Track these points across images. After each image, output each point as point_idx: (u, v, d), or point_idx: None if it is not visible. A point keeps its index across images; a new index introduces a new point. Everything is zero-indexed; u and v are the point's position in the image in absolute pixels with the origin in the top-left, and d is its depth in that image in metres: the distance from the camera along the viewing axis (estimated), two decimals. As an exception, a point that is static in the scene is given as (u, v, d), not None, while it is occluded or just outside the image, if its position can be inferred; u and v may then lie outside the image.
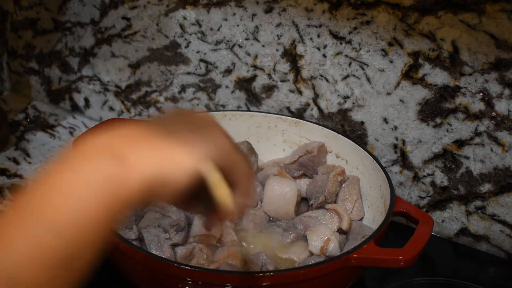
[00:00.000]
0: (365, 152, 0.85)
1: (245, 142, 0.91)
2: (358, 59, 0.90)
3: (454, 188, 0.89)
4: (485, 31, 0.79)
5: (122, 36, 1.13)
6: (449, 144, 0.87)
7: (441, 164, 0.89)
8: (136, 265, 0.65)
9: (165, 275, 0.62)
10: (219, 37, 1.02)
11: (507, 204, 0.85)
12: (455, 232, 0.92)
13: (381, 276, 0.82)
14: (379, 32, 0.87)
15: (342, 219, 0.78)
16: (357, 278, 0.72)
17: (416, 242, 0.66)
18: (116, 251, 0.66)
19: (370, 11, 0.86)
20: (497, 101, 0.81)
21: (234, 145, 0.49)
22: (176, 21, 1.05)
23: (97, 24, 1.15)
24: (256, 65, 1.01)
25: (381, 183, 0.80)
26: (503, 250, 0.88)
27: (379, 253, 0.64)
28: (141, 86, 1.16)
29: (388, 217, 0.70)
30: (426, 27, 0.83)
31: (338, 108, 0.95)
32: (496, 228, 0.88)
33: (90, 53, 1.19)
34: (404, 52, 0.86)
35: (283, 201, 0.81)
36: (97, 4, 1.13)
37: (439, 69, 0.84)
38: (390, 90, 0.89)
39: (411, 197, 0.94)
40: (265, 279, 0.61)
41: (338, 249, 0.74)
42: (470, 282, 0.79)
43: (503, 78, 0.80)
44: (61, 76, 1.26)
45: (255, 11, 0.96)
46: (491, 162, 0.85)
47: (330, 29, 0.91)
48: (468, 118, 0.85)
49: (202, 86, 1.09)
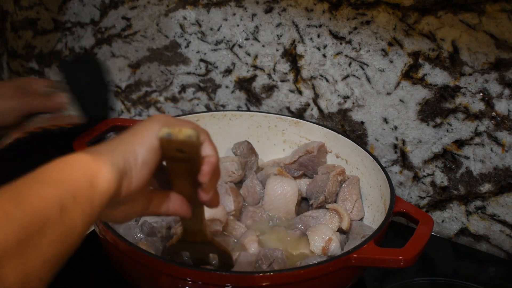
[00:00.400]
0: (365, 152, 0.85)
1: (245, 142, 0.91)
2: (358, 59, 0.90)
3: (454, 188, 0.89)
4: (485, 31, 0.79)
5: (122, 36, 1.13)
6: (449, 144, 0.87)
7: (441, 164, 0.89)
8: (136, 265, 0.64)
9: (165, 275, 0.62)
10: (219, 37, 1.02)
11: (507, 204, 0.85)
12: (455, 232, 0.92)
13: (381, 276, 0.82)
14: (379, 32, 0.87)
15: (343, 219, 0.78)
16: (357, 278, 0.72)
17: (416, 242, 0.66)
18: (116, 251, 0.66)
19: (370, 11, 0.86)
20: (497, 101, 0.81)
21: (170, 116, 0.55)
22: (176, 21, 1.05)
23: (97, 24, 1.15)
24: (256, 65, 1.01)
25: (381, 183, 0.80)
26: (503, 250, 0.88)
27: (379, 253, 0.64)
28: (141, 86, 1.16)
29: (388, 217, 0.70)
30: (426, 27, 0.83)
31: (338, 108, 0.95)
32: (496, 228, 0.88)
33: (90, 53, 1.18)
34: (404, 52, 0.86)
35: (284, 200, 0.81)
36: (97, 4, 1.13)
37: (439, 69, 0.84)
38: (390, 90, 0.89)
39: (411, 197, 0.94)
40: (265, 279, 0.61)
41: (339, 248, 0.74)
42: (470, 282, 0.79)
43: (503, 78, 0.80)
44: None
45: (255, 11, 0.96)
46: (491, 162, 0.85)
47: (330, 29, 0.91)
48: (468, 118, 0.84)
49: (202, 86, 1.09)
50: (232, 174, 0.86)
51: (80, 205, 0.41)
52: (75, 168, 0.44)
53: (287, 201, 0.81)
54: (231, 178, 0.86)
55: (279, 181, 0.82)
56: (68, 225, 0.40)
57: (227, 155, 0.92)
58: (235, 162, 0.87)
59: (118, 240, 0.64)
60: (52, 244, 0.38)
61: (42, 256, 0.37)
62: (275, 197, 0.81)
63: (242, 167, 0.88)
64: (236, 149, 0.91)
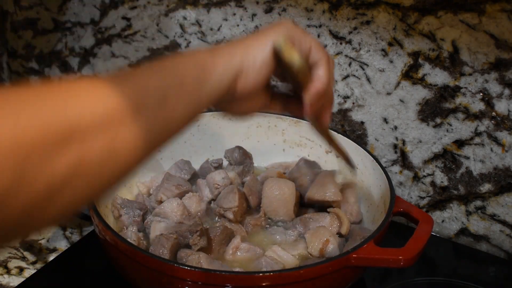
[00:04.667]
0: (365, 152, 0.85)
1: (236, 149, 0.90)
2: (358, 59, 0.90)
3: (454, 188, 0.89)
4: (485, 31, 0.79)
5: (122, 36, 1.13)
6: (449, 144, 0.87)
7: (441, 164, 0.89)
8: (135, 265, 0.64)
9: (165, 275, 0.62)
10: (219, 37, 1.02)
11: (507, 204, 0.85)
12: (455, 232, 0.92)
13: (381, 276, 0.82)
14: (379, 32, 0.87)
15: (343, 223, 0.78)
16: (357, 278, 0.72)
17: (416, 242, 0.66)
18: (116, 252, 0.66)
19: (370, 11, 0.86)
20: (497, 101, 0.81)
21: (299, 27, 0.56)
22: (176, 21, 1.05)
23: (97, 24, 1.15)
24: (256, 65, 1.01)
25: (381, 183, 0.80)
26: (503, 250, 0.88)
27: (379, 253, 0.64)
28: (141, 86, 1.16)
29: (388, 217, 0.70)
30: (426, 27, 0.83)
31: (338, 108, 0.95)
32: (496, 228, 0.88)
33: (90, 53, 1.19)
34: (404, 52, 0.86)
35: (282, 201, 0.81)
36: (97, 4, 1.13)
37: (439, 69, 0.84)
38: (390, 90, 0.89)
39: (411, 197, 0.94)
40: (265, 279, 0.61)
41: (337, 250, 0.74)
42: (470, 282, 0.79)
43: (503, 78, 0.80)
44: (61, 76, 1.26)
45: (255, 11, 0.96)
46: (491, 162, 0.85)
47: (330, 29, 0.91)
48: (468, 118, 0.84)
49: (202, 86, 1.09)
50: (217, 186, 0.85)
51: (184, 97, 0.44)
52: (191, 61, 0.47)
53: (285, 202, 0.81)
54: (218, 190, 0.84)
55: (276, 182, 0.82)
56: (168, 110, 0.42)
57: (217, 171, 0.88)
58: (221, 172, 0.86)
59: (118, 240, 0.64)
60: (150, 120, 0.40)
61: (127, 136, 0.38)
62: (273, 198, 0.81)
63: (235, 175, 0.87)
64: (229, 157, 0.91)
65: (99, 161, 0.35)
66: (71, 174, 0.33)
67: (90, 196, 0.36)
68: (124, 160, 0.37)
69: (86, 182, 0.34)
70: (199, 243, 0.71)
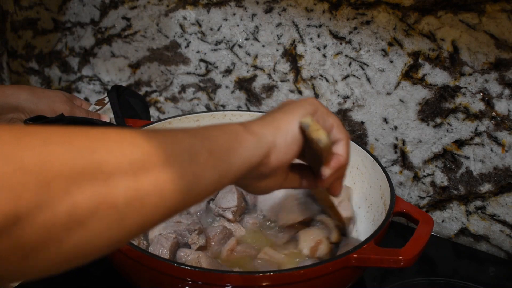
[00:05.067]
0: (365, 152, 0.84)
1: None
2: (358, 59, 0.90)
3: (454, 188, 0.89)
4: (485, 31, 0.79)
5: (122, 36, 1.13)
6: (449, 144, 0.87)
7: (441, 164, 0.89)
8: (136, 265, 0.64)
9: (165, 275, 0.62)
10: (219, 37, 1.02)
11: (507, 204, 0.85)
12: (455, 232, 0.92)
13: (381, 276, 0.82)
14: (379, 32, 0.87)
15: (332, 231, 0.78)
16: (357, 278, 0.72)
17: (416, 242, 0.66)
18: (116, 251, 0.66)
19: (370, 11, 0.86)
20: (497, 101, 0.81)
21: (323, 106, 0.58)
22: (176, 21, 1.05)
23: (97, 24, 1.15)
24: (256, 65, 1.01)
25: (381, 183, 0.80)
26: (503, 250, 0.88)
27: (379, 253, 0.64)
28: (141, 86, 1.16)
29: (388, 217, 0.70)
30: (426, 27, 0.83)
31: (338, 108, 0.95)
32: (496, 228, 0.88)
33: (90, 53, 1.19)
34: (404, 52, 0.86)
35: (278, 201, 0.82)
36: (97, 4, 1.13)
37: (439, 69, 0.84)
38: (390, 90, 0.89)
39: (411, 197, 0.94)
40: (265, 279, 0.61)
41: (329, 251, 0.74)
42: (470, 282, 0.79)
43: (503, 78, 0.80)
44: (61, 76, 1.26)
45: (255, 11, 0.96)
46: (491, 162, 0.85)
47: (330, 29, 0.91)
48: (468, 118, 0.85)
49: (202, 86, 1.09)
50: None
51: (214, 160, 0.43)
52: (223, 129, 0.47)
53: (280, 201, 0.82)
54: None
55: None
56: (198, 167, 0.41)
57: None
58: None
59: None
60: (180, 172, 0.39)
61: (154, 182, 0.37)
62: (268, 198, 0.82)
63: None
64: None
65: (123, 204, 0.34)
66: (92, 209, 0.33)
67: (108, 242, 0.35)
68: (150, 210, 0.37)
69: (106, 224, 0.34)
70: (198, 242, 0.71)
